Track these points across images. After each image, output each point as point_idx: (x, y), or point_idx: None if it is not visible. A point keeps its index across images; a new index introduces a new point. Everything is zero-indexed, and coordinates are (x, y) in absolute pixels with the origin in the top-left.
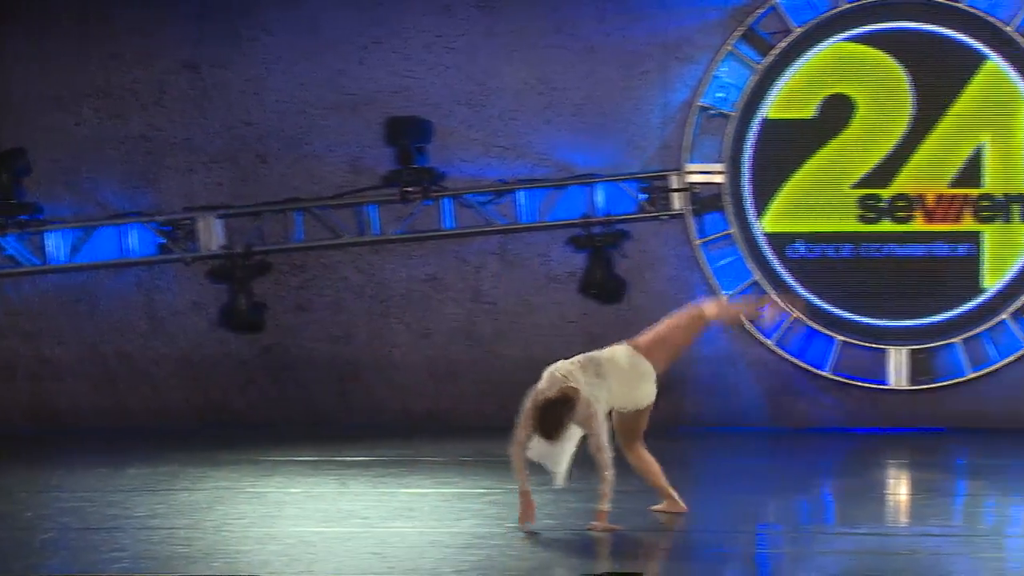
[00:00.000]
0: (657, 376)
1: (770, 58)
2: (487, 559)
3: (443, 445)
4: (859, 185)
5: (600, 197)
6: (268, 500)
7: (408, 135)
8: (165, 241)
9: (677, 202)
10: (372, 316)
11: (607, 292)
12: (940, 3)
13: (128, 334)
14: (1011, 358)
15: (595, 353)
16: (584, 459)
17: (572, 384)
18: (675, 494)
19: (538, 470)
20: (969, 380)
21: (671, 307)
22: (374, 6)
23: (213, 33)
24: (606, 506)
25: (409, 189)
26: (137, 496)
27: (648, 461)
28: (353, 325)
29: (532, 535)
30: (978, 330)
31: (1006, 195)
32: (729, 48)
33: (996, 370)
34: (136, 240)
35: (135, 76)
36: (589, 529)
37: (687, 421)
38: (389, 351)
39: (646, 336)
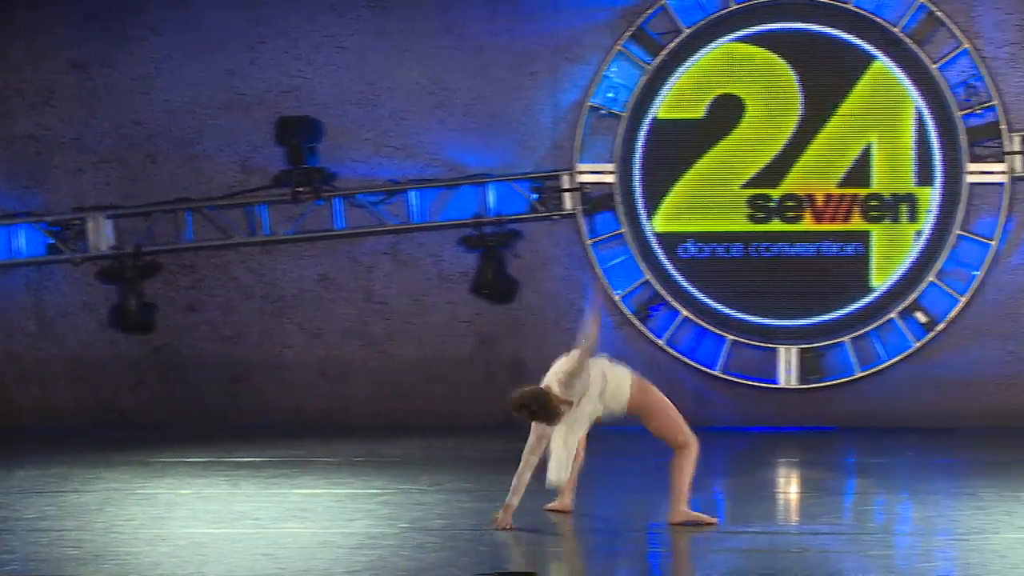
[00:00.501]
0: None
1: (660, 58)
2: (379, 559)
3: (335, 445)
4: (749, 185)
5: (492, 197)
6: (159, 501)
7: (299, 135)
8: (54, 241)
9: (568, 202)
10: (263, 316)
11: (499, 292)
12: (828, 4)
13: (17, 335)
14: (899, 357)
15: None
16: (477, 461)
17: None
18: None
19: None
20: (858, 379)
21: (563, 306)
22: (262, 5)
23: (101, 33)
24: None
25: (300, 189)
26: (26, 498)
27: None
28: (244, 325)
29: (425, 535)
30: (867, 329)
31: (894, 195)
32: (619, 48)
33: (884, 369)
34: (24, 240)
35: (23, 76)
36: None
37: None
38: (281, 351)
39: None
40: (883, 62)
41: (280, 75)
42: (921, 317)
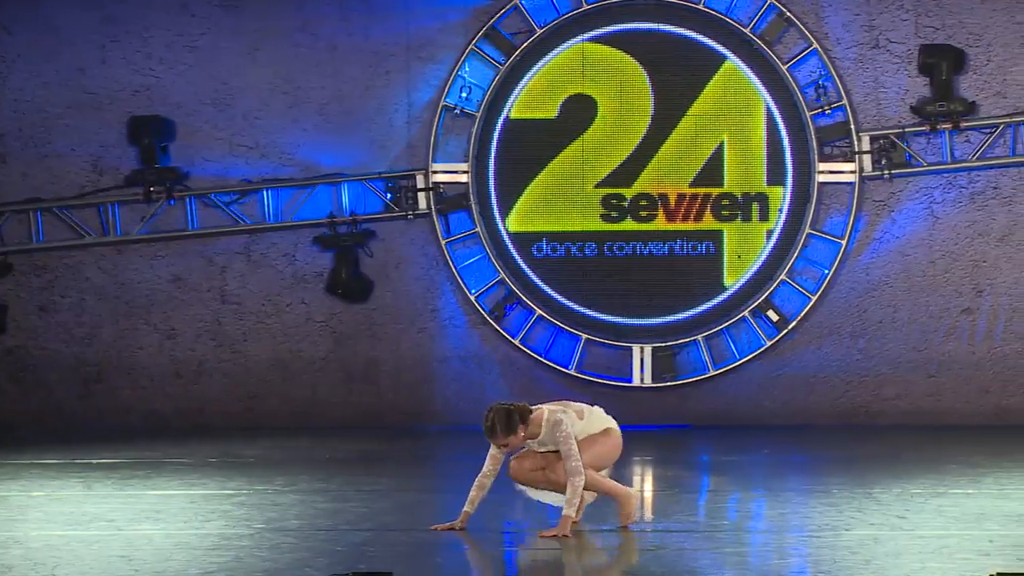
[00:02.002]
0: None
1: (513, 58)
2: (235, 560)
3: (190, 446)
4: (602, 185)
5: (346, 197)
6: (11, 504)
7: (151, 134)
8: None
9: (423, 201)
10: (117, 317)
11: (353, 291)
12: (679, 4)
13: None
14: (752, 355)
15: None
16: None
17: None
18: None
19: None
20: (712, 377)
21: (418, 306)
22: (113, 4)
23: None
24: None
25: (153, 189)
26: None
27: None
28: (97, 326)
29: (281, 535)
30: (720, 328)
31: (745, 194)
32: (472, 48)
33: (738, 367)
34: None
35: None
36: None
37: (436, 420)
38: (134, 352)
39: None
40: (734, 62)
41: (132, 74)
42: (773, 315)
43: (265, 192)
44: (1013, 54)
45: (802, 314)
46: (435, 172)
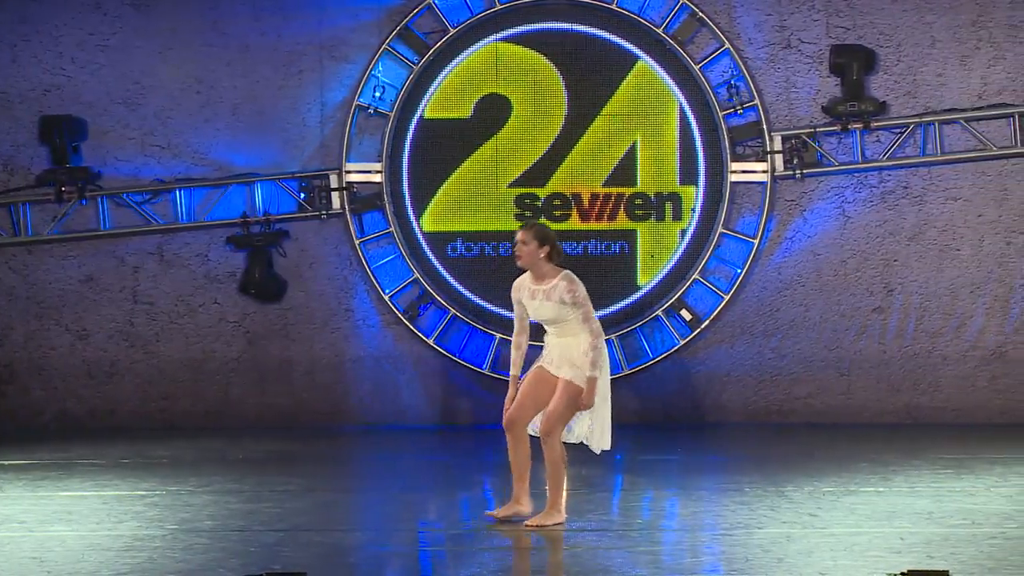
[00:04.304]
0: None
1: (427, 58)
2: (148, 561)
3: (102, 447)
4: (516, 184)
5: (259, 196)
6: None
7: (62, 134)
8: None
9: (336, 201)
10: (27, 317)
11: (267, 291)
12: (592, 4)
13: None
14: (665, 354)
15: None
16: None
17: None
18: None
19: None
20: (625, 376)
21: (332, 306)
22: (24, 3)
23: None
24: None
25: (64, 189)
26: None
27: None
28: (8, 327)
29: (194, 536)
30: (633, 327)
31: (658, 194)
32: (386, 48)
33: (651, 366)
34: None
35: None
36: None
37: (349, 419)
38: (46, 353)
39: None
40: (647, 62)
41: (43, 73)
42: (686, 315)
43: (178, 192)
44: (923, 54)
45: (715, 313)
46: (349, 172)
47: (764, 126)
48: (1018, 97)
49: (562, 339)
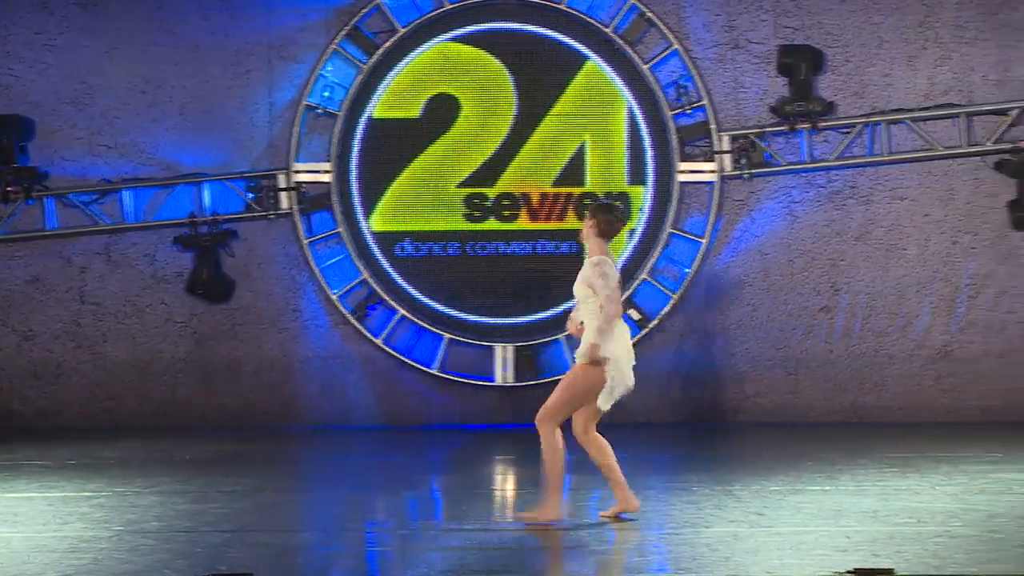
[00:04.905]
0: None
1: (376, 57)
2: (94, 563)
3: (48, 448)
4: (465, 184)
5: (207, 196)
6: None
7: (9, 133)
8: None
9: (285, 201)
10: None
11: (214, 291)
12: (541, 4)
13: None
14: None
15: None
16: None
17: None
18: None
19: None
20: None
21: (280, 306)
22: None
23: None
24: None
25: (10, 189)
26: None
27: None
28: None
29: (140, 537)
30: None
31: (607, 194)
32: (334, 47)
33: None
34: None
35: None
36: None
37: (297, 420)
38: None
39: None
40: (595, 62)
41: None
42: (634, 315)
43: (125, 192)
44: (870, 54)
45: (663, 313)
46: (297, 172)
47: (712, 126)
48: (964, 97)
49: (587, 322)
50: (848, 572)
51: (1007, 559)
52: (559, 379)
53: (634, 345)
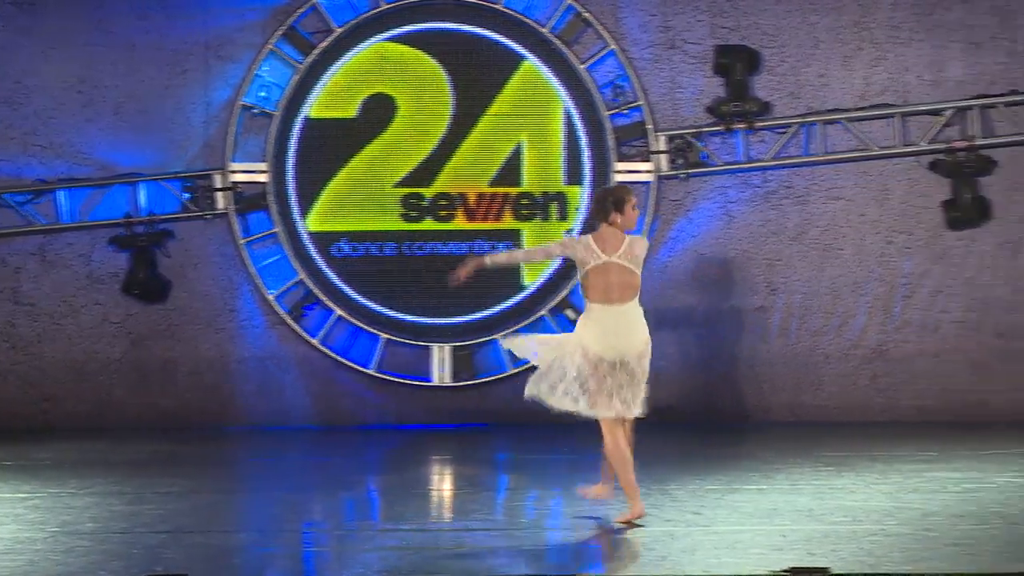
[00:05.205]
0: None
1: (312, 57)
2: (28, 564)
3: None
4: (402, 184)
5: (143, 196)
6: None
7: None
8: None
9: (221, 201)
10: None
11: (150, 292)
12: (478, 4)
13: None
14: None
15: None
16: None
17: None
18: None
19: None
20: (510, 376)
21: (216, 306)
22: None
23: None
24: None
25: None
26: None
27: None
28: None
29: (75, 538)
30: (518, 327)
31: (544, 194)
32: (271, 47)
33: (536, 365)
34: None
35: None
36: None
37: (233, 420)
38: None
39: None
40: (532, 62)
41: None
42: (571, 314)
43: (60, 192)
44: (806, 55)
45: None
46: (233, 172)
47: (649, 126)
48: (899, 97)
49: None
50: (784, 571)
51: (941, 557)
52: (496, 379)
53: None
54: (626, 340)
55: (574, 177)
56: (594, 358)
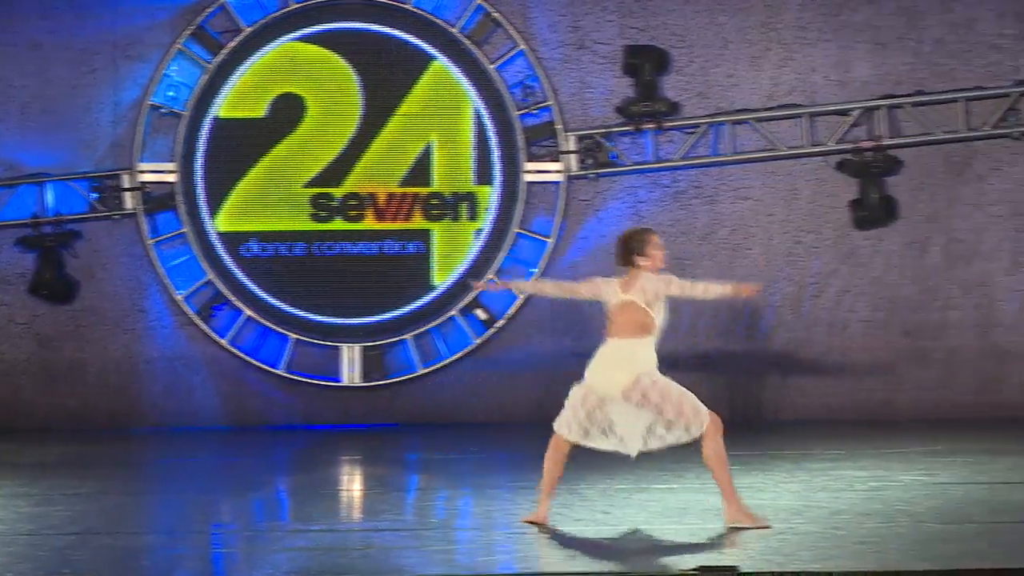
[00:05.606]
0: None
1: (221, 57)
2: None
3: None
4: (311, 184)
5: (50, 197)
6: None
7: None
8: None
9: (129, 201)
10: None
11: (58, 292)
12: (387, 4)
13: None
14: (460, 354)
15: None
16: None
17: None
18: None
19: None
20: (421, 376)
21: (125, 306)
22: None
23: None
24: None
25: None
26: None
27: None
28: None
29: None
30: (428, 327)
31: (454, 194)
32: (179, 47)
33: (447, 366)
34: None
35: None
36: None
37: (141, 421)
38: None
39: None
40: (442, 62)
41: None
42: (481, 314)
43: None
44: (714, 55)
45: (510, 312)
46: (141, 172)
47: (559, 126)
48: (807, 98)
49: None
50: (693, 570)
51: (848, 555)
52: (405, 379)
53: (481, 345)
54: (613, 373)
55: (484, 177)
56: (585, 388)
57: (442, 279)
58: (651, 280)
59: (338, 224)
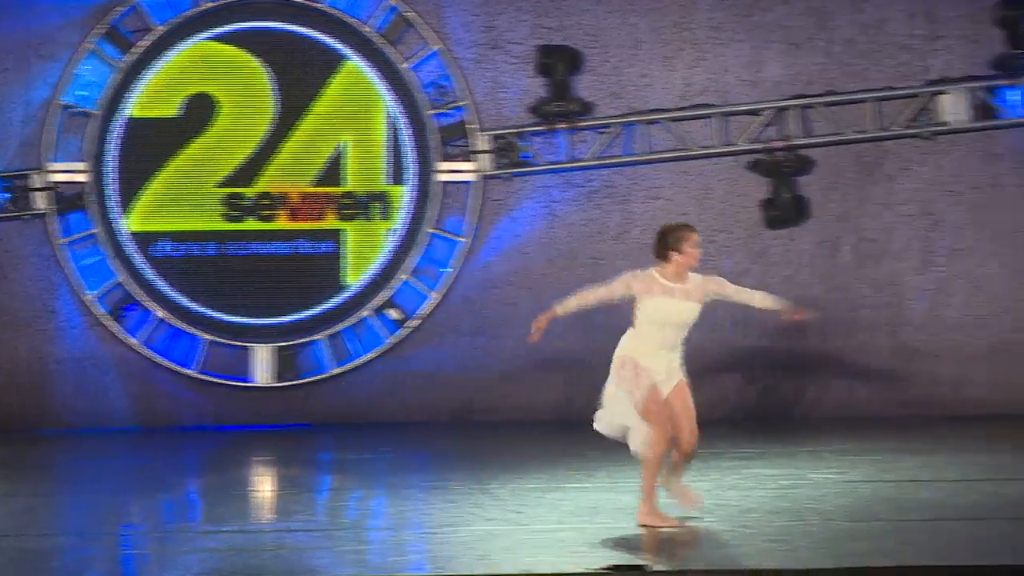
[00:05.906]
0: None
1: (132, 56)
2: None
3: None
4: (224, 184)
5: None
6: None
7: None
8: None
9: (39, 201)
10: None
11: None
12: (300, 3)
13: None
14: (373, 354)
15: None
16: None
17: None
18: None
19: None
20: (333, 376)
21: (35, 307)
22: None
23: None
24: None
25: None
26: None
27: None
28: None
29: None
30: (341, 327)
31: (367, 193)
32: (90, 46)
33: (359, 366)
34: None
35: None
36: None
37: (51, 422)
38: None
39: None
40: (355, 62)
41: None
42: (394, 314)
43: None
44: (628, 55)
45: (423, 312)
46: (52, 172)
47: (473, 126)
48: (719, 98)
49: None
50: (603, 569)
51: (758, 553)
52: (318, 379)
53: (394, 345)
54: (662, 361)
55: (397, 177)
56: (640, 369)
57: (355, 279)
58: (699, 279)
59: (251, 224)
